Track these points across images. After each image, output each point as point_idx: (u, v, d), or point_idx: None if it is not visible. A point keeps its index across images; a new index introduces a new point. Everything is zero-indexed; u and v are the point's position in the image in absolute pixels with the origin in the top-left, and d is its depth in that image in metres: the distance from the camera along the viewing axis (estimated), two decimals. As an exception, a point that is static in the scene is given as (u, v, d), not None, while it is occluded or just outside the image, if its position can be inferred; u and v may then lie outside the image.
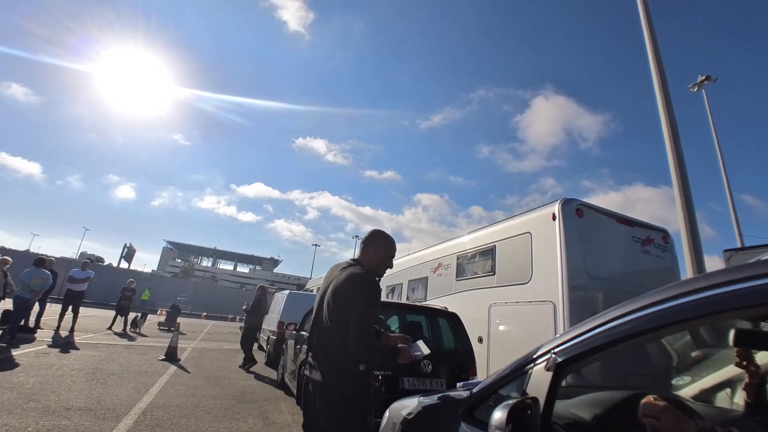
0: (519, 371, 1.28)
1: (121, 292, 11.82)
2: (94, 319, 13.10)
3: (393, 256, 2.22)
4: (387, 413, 2.05)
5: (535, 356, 1.24)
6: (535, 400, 1.10)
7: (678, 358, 2.77)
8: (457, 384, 1.90)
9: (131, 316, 11.85)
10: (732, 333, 1.25)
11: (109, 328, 11.06)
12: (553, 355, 1.16)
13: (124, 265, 35.18)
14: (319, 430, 1.89)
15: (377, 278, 2.09)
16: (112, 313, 11.93)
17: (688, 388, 1.96)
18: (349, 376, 1.89)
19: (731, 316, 1.07)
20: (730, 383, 1.81)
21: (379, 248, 2.15)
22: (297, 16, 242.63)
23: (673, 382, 2.19)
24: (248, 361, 7.40)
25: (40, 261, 7.87)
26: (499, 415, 1.04)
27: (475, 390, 1.49)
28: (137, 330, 11.61)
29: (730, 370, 1.72)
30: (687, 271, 5.07)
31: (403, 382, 3.34)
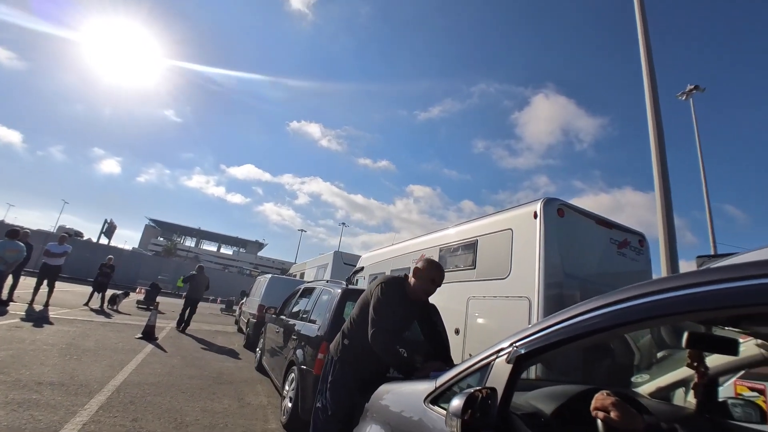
0: (482, 363, 1.32)
1: (99, 269, 11.59)
2: (70, 294, 12.84)
3: (431, 277, 2.63)
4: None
5: (497, 349, 1.28)
6: (493, 390, 1.14)
7: (640, 357, 2.88)
8: (431, 374, 1.94)
9: (109, 293, 11.66)
10: (685, 335, 1.32)
11: (86, 304, 10.88)
12: (515, 348, 1.20)
13: (103, 240, 34.54)
14: None
15: (423, 295, 2.69)
16: (89, 289, 11.71)
17: (646, 386, 2.05)
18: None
19: (685, 318, 1.12)
20: (685, 383, 1.90)
21: (417, 269, 2.64)
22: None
23: (633, 379, 2.28)
24: (180, 324, 9.28)
25: (14, 232, 7.67)
26: (456, 402, 1.08)
27: (440, 379, 1.53)
28: (115, 307, 11.44)
29: (686, 371, 1.81)
30: (662, 274, 5.24)
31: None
